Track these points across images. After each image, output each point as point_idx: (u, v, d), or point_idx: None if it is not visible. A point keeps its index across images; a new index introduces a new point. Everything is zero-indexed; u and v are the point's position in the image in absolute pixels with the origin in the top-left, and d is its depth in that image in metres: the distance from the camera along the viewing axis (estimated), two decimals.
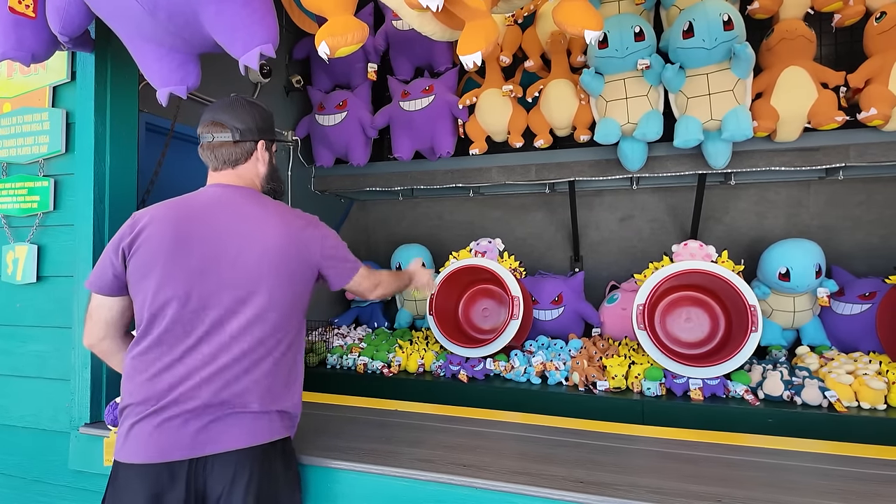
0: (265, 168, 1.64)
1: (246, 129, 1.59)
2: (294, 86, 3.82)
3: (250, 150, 1.60)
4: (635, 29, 2.91)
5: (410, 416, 1.99)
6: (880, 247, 3.34)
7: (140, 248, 1.43)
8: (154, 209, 1.50)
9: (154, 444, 1.37)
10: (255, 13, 1.72)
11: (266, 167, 1.65)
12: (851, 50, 3.10)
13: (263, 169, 1.64)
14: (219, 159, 1.59)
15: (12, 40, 1.84)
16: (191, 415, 1.38)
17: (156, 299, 1.42)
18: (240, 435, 1.41)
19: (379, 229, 4.61)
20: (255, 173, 1.62)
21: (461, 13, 1.65)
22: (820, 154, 2.92)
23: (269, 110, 1.70)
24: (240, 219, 1.50)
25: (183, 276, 1.42)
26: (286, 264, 1.49)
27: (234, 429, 1.41)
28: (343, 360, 3.46)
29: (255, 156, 1.61)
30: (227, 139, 1.57)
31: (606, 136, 3.05)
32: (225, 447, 1.40)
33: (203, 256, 1.44)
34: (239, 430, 1.41)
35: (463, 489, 1.42)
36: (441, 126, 3.54)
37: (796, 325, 3.11)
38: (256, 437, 1.43)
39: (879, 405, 2.46)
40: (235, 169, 1.60)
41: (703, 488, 1.33)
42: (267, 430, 1.46)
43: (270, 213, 1.54)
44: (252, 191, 1.60)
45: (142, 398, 1.40)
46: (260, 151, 1.62)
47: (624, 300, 3.38)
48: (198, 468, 1.38)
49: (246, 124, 1.59)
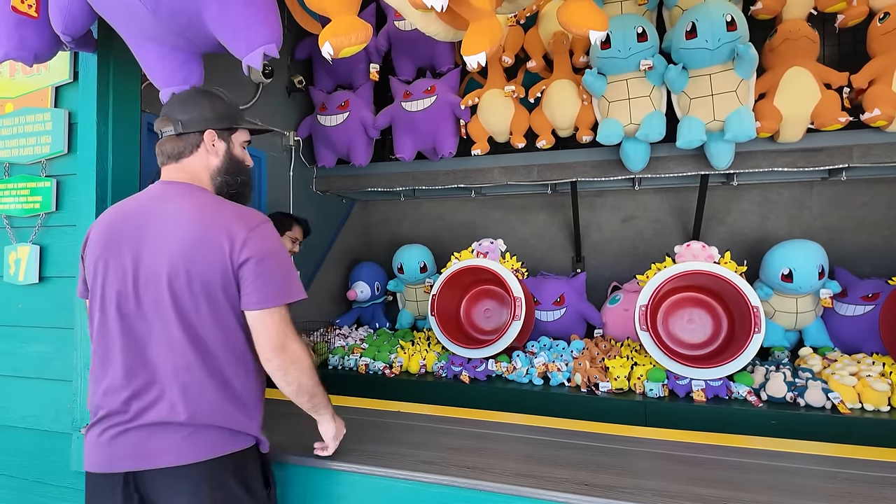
0: (219, 160, 1.51)
1: (189, 121, 1.48)
2: (296, 86, 3.81)
3: (196, 141, 1.48)
4: (638, 29, 2.91)
5: (413, 418, 1.99)
6: (883, 248, 3.34)
7: (86, 253, 1.45)
8: (104, 212, 1.49)
9: (101, 454, 1.35)
10: (259, 13, 1.71)
11: (221, 159, 1.51)
12: (855, 50, 3.09)
13: (216, 161, 1.51)
14: (163, 154, 1.50)
15: (15, 40, 1.84)
16: (127, 426, 1.33)
17: (91, 305, 1.42)
18: (174, 450, 1.32)
19: (380, 230, 4.61)
20: (203, 166, 1.49)
21: (465, 13, 1.64)
22: (823, 155, 2.92)
23: (229, 99, 1.57)
24: (161, 218, 1.39)
25: (110, 281, 1.38)
26: (197, 269, 1.33)
27: (167, 443, 1.32)
28: (344, 360, 3.45)
29: (202, 147, 1.49)
30: (171, 133, 1.49)
31: (609, 136, 3.04)
32: (162, 462, 1.31)
33: (130, 259, 1.37)
34: (172, 445, 1.32)
35: (467, 492, 1.41)
36: (443, 126, 3.53)
37: (799, 326, 3.10)
38: (194, 453, 1.33)
39: (883, 407, 2.45)
40: (179, 163, 1.49)
41: (709, 491, 1.33)
42: (205, 446, 1.34)
43: (192, 208, 1.40)
44: (191, 186, 1.47)
45: (92, 405, 1.40)
46: (208, 142, 1.49)
47: (626, 301, 3.37)
48: (141, 482, 1.33)
49: (189, 115, 1.49)
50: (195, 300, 1.33)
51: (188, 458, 1.32)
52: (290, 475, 1.61)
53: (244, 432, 1.40)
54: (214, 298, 1.34)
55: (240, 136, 1.56)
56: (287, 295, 1.38)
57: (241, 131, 1.57)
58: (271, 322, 1.36)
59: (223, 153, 1.51)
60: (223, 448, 1.36)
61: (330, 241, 4.22)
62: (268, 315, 1.36)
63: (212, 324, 1.34)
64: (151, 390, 1.34)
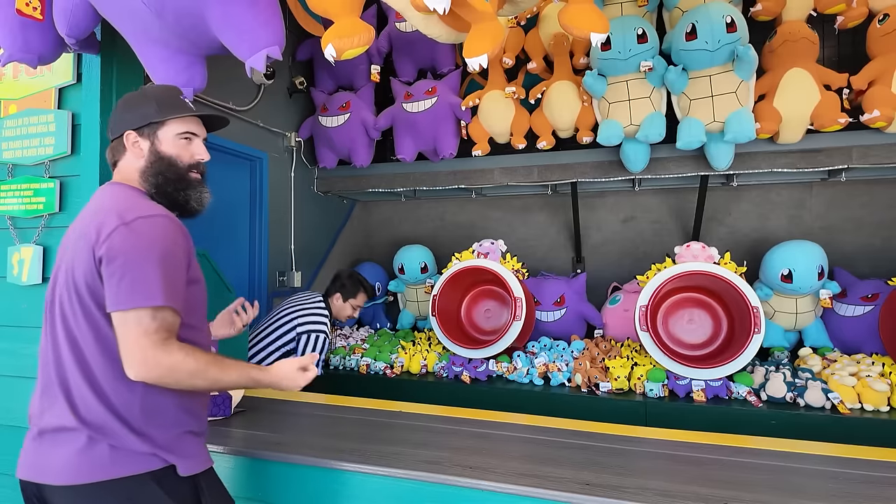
0: (143, 160, 1.39)
1: (114, 125, 1.43)
2: (297, 87, 3.82)
3: (121, 145, 1.41)
4: (638, 31, 2.92)
5: (415, 418, 1.99)
6: (883, 248, 3.35)
7: None
8: None
9: (21, 459, 1.28)
10: (262, 15, 1.72)
11: (145, 159, 1.39)
12: (854, 52, 3.11)
13: (141, 162, 1.39)
14: (109, 163, 1.46)
15: (19, 42, 1.85)
16: (36, 430, 1.27)
17: None
18: (69, 467, 1.20)
19: (381, 230, 4.62)
20: (132, 168, 1.40)
21: (467, 16, 1.65)
22: (822, 156, 2.93)
23: (158, 93, 1.44)
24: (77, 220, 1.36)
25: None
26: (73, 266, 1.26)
27: (63, 458, 1.21)
28: (346, 361, 3.46)
29: (128, 150, 1.40)
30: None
31: (609, 137, 3.06)
32: (58, 480, 1.20)
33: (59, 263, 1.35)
34: (69, 461, 1.20)
35: (470, 491, 1.42)
36: (444, 127, 3.54)
37: (799, 326, 3.11)
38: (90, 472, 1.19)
39: (883, 407, 2.46)
40: (118, 168, 1.42)
41: (711, 491, 1.33)
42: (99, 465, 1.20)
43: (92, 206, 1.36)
44: (115, 185, 1.40)
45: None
46: (129, 143, 1.39)
47: (626, 301, 3.38)
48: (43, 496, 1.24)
49: (114, 118, 1.43)
50: (70, 299, 1.25)
51: (82, 478, 1.18)
52: (293, 475, 1.62)
53: (141, 452, 1.22)
54: (82, 297, 1.23)
55: (170, 129, 1.41)
56: (145, 297, 1.18)
57: (171, 124, 1.41)
58: (126, 328, 1.19)
59: (147, 152, 1.39)
60: (117, 469, 1.20)
61: (331, 241, 4.23)
62: (123, 319, 1.19)
63: (85, 326, 1.23)
64: (50, 393, 1.27)
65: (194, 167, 1.44)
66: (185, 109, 1.43)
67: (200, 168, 1.46)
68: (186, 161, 1.42)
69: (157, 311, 1.20)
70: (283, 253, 3.71)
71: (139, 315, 1.18)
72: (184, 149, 1.42)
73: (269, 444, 1.69)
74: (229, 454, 1.67)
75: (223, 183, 3.34)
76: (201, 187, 1.45)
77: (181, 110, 1.42)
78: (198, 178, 1.45)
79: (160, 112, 1.39)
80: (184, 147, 1.42)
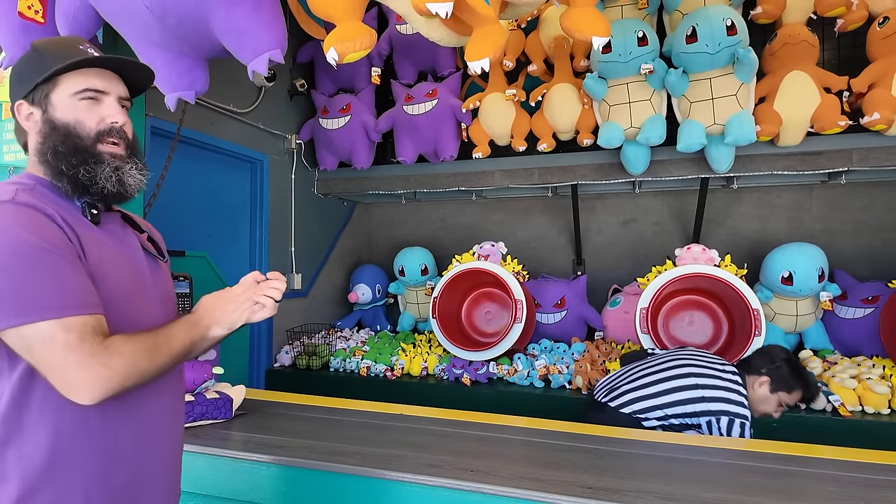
0: (37, 135, 1.05)
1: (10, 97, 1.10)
2: (298, 90, 3.83)
3: (18, 123, 1.08)
4: (638, 34, 2.92)
5: (416, 421, 1.99)
6: (883, 251, 3.36)
7: None
8: None
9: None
10: (264, 19, 1.72)
11: (39, 132, 1.04)
12: (854, 55, 3.11)
13: (35, 137, 1.05)
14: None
15: (21, 46, 1.85)
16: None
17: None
18: None
19: (382, 232, 4.63)
20: (32, 151, 1.06)
21: (469, 19, 1.66)
22: (823, 158, 2.93)
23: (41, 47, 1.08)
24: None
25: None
26: None
27: None
28: (346, 363, 3.46)
29: (25, 128, 1.07)
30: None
31: (609, 140, 3.06)
32: None
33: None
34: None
35: (472, 494, 1.42)
36: (444, 130, 3.55)
37: (799, 328, 3.12)
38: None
39: (884, 409, 2.47)
40: (28, 154, 1.08)
41: (713, 494, 1.33)
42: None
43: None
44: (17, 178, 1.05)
45: None
46: (22, 116, 1.06)
47: (627, 304, 3.39)
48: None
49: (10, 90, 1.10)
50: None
51: None
52: (295, 478, 1.62)
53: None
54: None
55: (64, 88, 1.04)
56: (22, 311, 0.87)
57: (64, 81, 1.04)
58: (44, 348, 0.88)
59: (40, 122, 1.04)
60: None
61: (331, 243, 4.23)
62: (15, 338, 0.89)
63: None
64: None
65: (105, 134, 1.05)
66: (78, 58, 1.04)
67: (117, 135, 1.07)
68: (91, 127, 1.04)
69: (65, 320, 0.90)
70: (283, 255, 3.71)
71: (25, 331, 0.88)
72: (86, 111, 1.05)
73: (270, 446, 1.69)
74: (230, 457, 1.66)
75: (224, 185, 3.34)
76: (117, 161, 1.06)
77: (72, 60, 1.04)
78: (112, 150, 1.06)
79: (47, 68, 1.03)
80: (86, 109, 1.05)
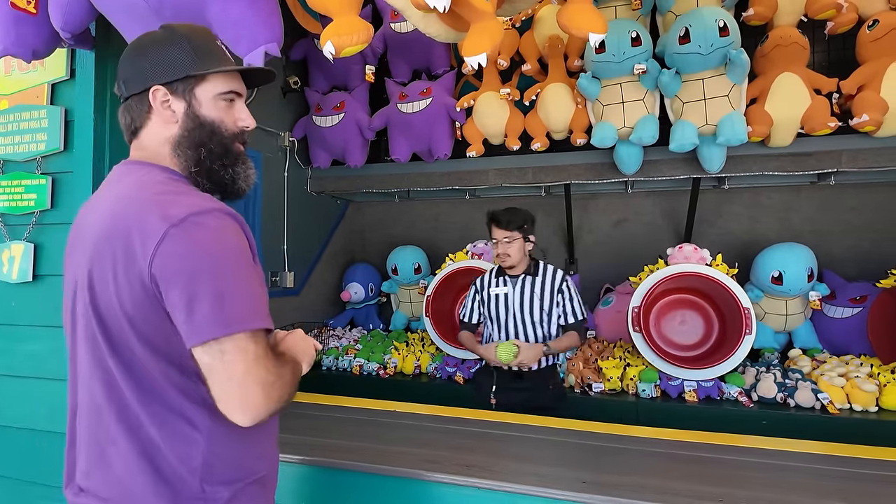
0: (178, 127, 1.05)
1: (130, 74, 1.06)
2: (291, 87, 3.81)
3: (144, 106, 1.05)
4: (632, 34, 2.94)
5: (412, 417, 2.00)
6: (871, 251, 3.40)
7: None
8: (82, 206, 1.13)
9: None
10: (261, 12, 1.72)
11: (179, 125, 1.05)
12: (844, 57, 3.15)
13: (174, 129, 1.05)
14: (123, 129, 1.10)
15: (13, 36, 1.83)
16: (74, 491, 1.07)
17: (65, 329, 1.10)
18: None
19: (375, 231, 4.61)
20: (161, 139, 1.06)
21: (467, 15, 1.66)
22: (812, 159, 2.97)
23: (182, 34, 1.06)
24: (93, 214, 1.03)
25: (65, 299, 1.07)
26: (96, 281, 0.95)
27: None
28: (338, 361, 3.45)
29: (153, 112, 1.05)
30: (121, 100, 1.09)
31: (603, 139, 3.07)
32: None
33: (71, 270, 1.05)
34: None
35: (469, 489, 1.42)
36: (438, 128, 3.54)
37: (788, 328, 3.15)
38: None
39: (871, 407, 2.50)
40: (138, 138, 1.08)
41: (707, 488, 1.35)
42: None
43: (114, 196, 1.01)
44: (142, 166, 1.05)
45: None
46: (157, 102, 1.04)
47: (619, 303, 3.40)
48: None
49: (130, 66, 1.06)
50: (97, 331, 0.96)
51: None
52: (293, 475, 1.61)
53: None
54: (118, 324, 0.94)
55: (210, 86, 1.06)
56: (242, 320, 0.90)
57: (212, 80, 1.06)
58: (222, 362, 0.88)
59: (182, 115, 1.05)
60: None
61: (324, 242, 4.22)
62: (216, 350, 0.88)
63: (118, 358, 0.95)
64: (74, 447, 1.04)
65: (239, 136, 1.11)
66: (229, 62, 1.09)
67: (244, 138, 1.13)
68: (231, 129, 1.09)
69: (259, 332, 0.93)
70: (275, 253, 3.69)
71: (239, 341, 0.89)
72: (226, 112, 1.08)
73: None
74: None
75: None
76: (249, 162, 1.13)
77: (224, 62, 1.07)
78: (243, 150, 1.12)
79: (198, 62, 1.04)
80: (226, 110, 1.08)
